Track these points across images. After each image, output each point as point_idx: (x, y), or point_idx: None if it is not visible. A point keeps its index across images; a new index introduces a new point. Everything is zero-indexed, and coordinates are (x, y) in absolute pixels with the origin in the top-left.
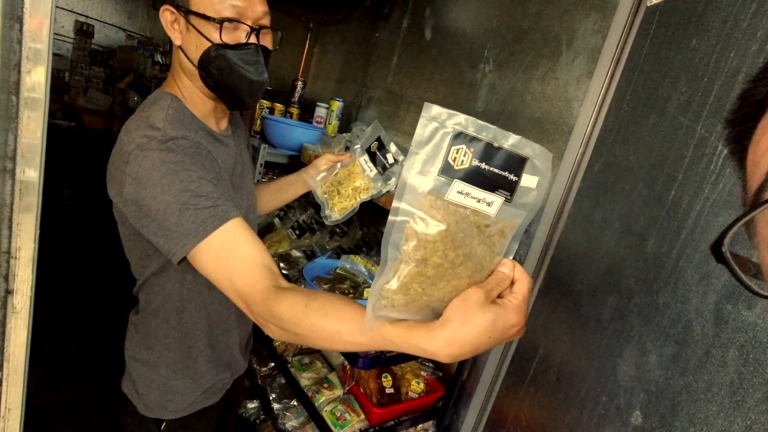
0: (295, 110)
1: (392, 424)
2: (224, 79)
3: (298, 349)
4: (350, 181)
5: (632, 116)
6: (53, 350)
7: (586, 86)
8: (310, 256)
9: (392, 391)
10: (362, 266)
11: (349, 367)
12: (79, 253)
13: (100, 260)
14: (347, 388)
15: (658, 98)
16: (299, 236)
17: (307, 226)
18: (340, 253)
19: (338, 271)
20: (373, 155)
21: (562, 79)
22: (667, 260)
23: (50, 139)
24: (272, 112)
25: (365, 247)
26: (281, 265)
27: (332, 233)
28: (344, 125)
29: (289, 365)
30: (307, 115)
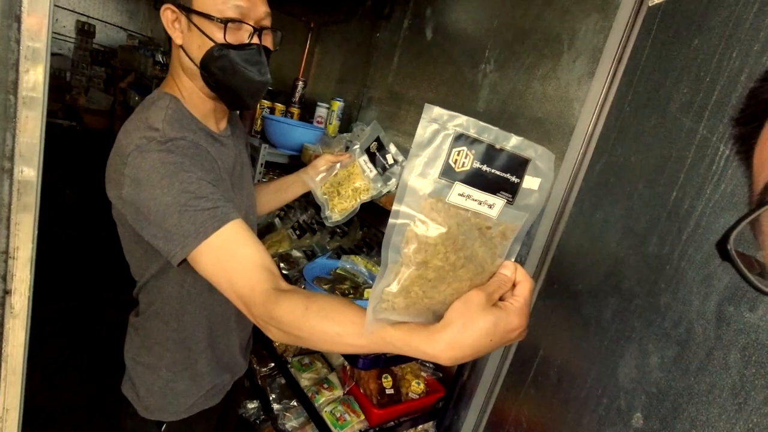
0: (295, 110)
1: (392, 424)
2: (227, 79)
3: (298, 349)
4: (350, 182)
5: (634, 117)
6: (53, 350)
7: (587, 86)
8: (310, 256)
9: (392, 391)
10: (362, 266)
11: (349, 367)
12: (79, 253)
13: (100, 260)
14: (347, 388)
15: (659, 98)
16: (299, 236)
17: (307, 226)
18: (340, 253)
19: (338, 271)
20: (372, 156)
21: (563, 79)
22: (668, 261)
23: (51, 138)
24: (273, 111)
25: (366, 247)
26: (281, 265)
27: (333, 233)
28: (345, 125)
29: (289, 366)
30: (307, 115)
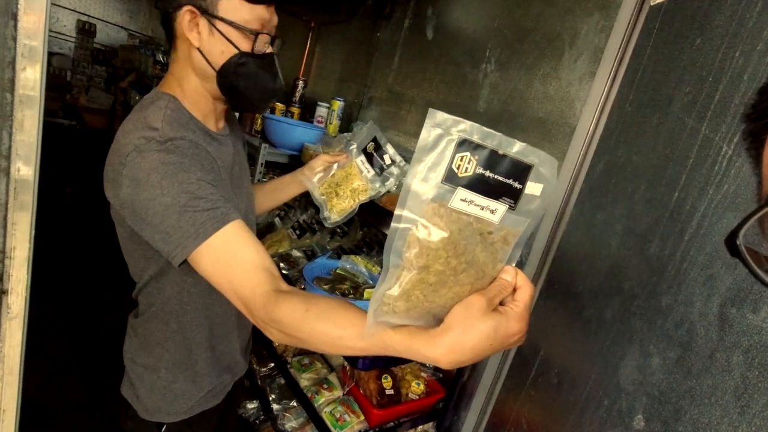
0: (296, 110)
1: (392, 425)
2: (247, 84)
3: (297, 349)
4: (348, 182)
5: (635, 117)
6: (53, 350)
7: (588, 86)
8: (310, 256)
9: (392, 392)
10: (362, 266)
11: (348, 368)
12: (79, 252)
13: (100, 260)
14: (347, 389)
15: (661, 98)
16: (300, 236)
17: (307, 226)
18: (340, 253)
19: (338, 271)
20: (369, 156)
21: (564, 79)
22: (670, 262)
23: (51, 138)
24: (273, 111)
25: (366, 247)
26: (281, 265)
27: (333, 233)
28: (345, 125)
29: (288, 366)
30: (308, 114)
